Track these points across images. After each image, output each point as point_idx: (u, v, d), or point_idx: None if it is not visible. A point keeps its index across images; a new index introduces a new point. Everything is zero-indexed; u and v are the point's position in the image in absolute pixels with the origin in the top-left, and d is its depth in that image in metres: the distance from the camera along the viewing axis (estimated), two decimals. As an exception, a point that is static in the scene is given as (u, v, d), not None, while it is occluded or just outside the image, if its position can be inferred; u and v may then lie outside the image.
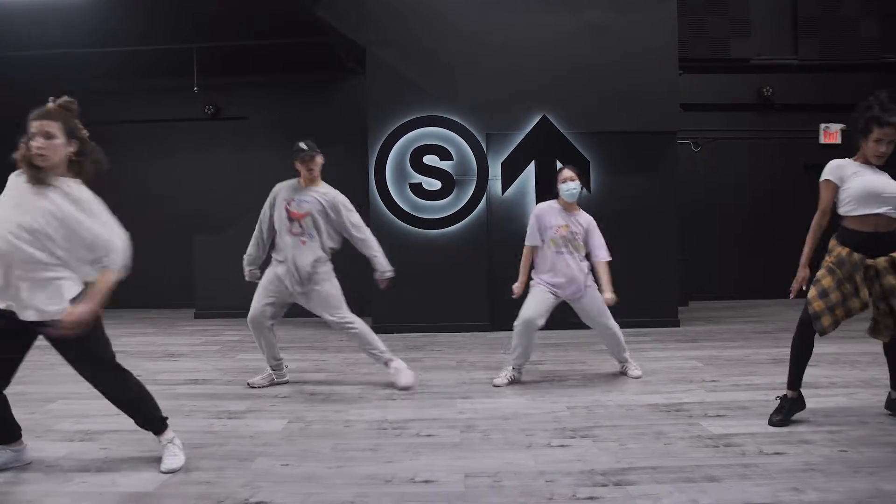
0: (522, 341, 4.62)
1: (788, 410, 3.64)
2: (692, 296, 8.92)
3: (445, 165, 7.06)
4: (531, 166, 7.10)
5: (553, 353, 5.80)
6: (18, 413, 4.07)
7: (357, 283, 6.14)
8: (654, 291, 7.11)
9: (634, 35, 7.07)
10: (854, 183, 3.40)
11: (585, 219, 4.82)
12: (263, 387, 4.77)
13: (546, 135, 7.07)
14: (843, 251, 3.43)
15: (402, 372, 4.66)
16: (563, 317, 6.96)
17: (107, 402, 3.28)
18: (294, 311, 7.45)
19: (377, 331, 6.95)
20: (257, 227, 4.83)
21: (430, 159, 7.04)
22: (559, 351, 5.90)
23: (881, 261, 3.36)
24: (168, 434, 3.24)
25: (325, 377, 5.07)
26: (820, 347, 5.58)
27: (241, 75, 9.24)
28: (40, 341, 3.09)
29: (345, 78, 8.95)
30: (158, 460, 3.24)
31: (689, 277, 8.74)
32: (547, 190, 7.04)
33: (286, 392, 4.60)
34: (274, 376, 4.86)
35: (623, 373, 4.96)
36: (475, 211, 7.05)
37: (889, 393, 3.78)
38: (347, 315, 4.72)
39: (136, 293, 9.39)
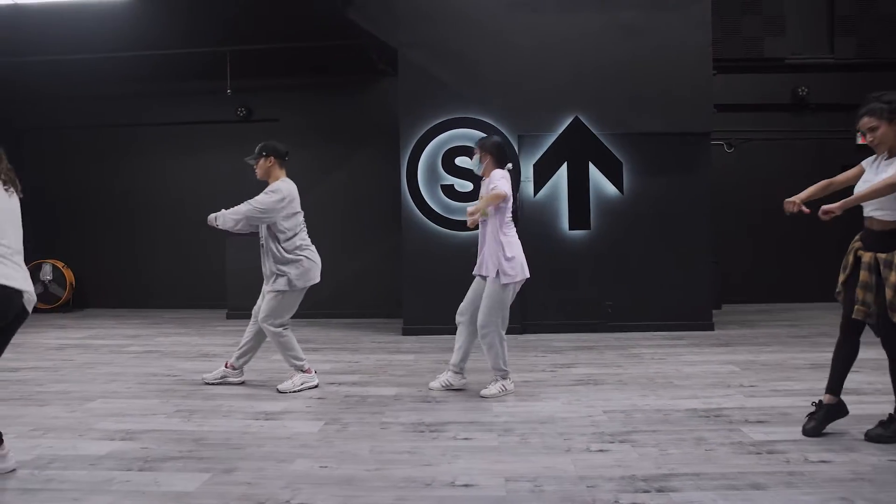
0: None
1: (824, 417, 3.52)
2: (725, 299, 8.79)
3: (477, 167, 7.02)
4: (563, 168, 7.05)
5: (586, 356, 5.76)
6: (60, 411, 4.18)
7: (389, 286, 6.19)
8: (687, 294, 7.03)
9: (667, 35, 6.99)
10: (864, 180, 3.50)
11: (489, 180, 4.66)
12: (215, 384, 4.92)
13: (578, 136, 7.02)
14: (856, 244, 3.51)
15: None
16: (599, 321, 6.98)
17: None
18: (326, 313, 7.53)
19: (408, 332, 7.02)
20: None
21: (462, 161, 7.02)
22: (593, 354, 5.85)
23: (866, 255, 3.39)
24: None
25: (358, 378, 5.08)
26: (862, 353, 5.49)
27: (273, 78, 9.30)
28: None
29: (376, 80, 8.97)
30: (199, 459, 3.28)
31: (722, 280, 8.61)
32: (580, 191, 7.04)
33: (321, 393, 4.62)
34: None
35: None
36: (507, 213, 7.01)
37: (819, 400, 3.58)
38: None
39: (170, 294, 9.59)
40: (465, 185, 7.03)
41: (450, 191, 7.08)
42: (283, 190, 4.74)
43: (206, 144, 9.72)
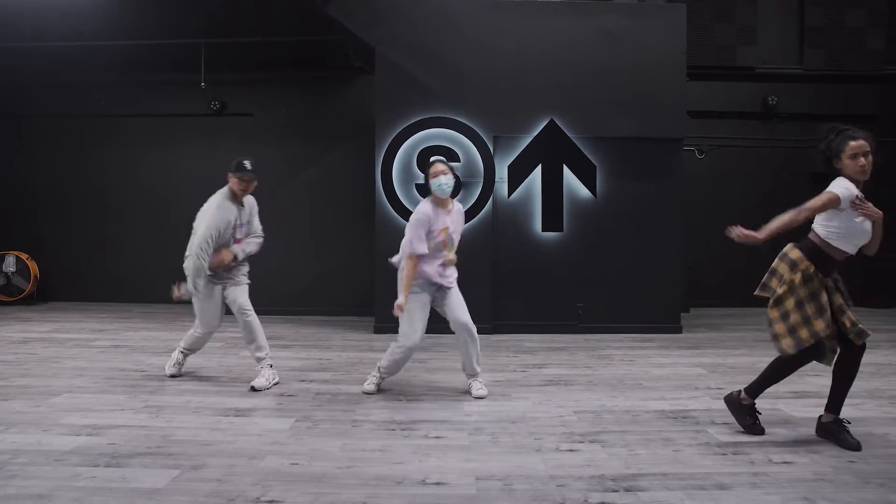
0: (399, 367, 4.56)
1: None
2: (693, 302, 8.93)
3: (452, 167, 7.04)
4: (538, 170, 7.10)
5: (557, 357, 5.81)
6: (23, 406, 4.10)
7: (361, 284, 6.20)
8: (657, 297, 7.13)
9: (643, 41, 7.09)
10: (850, 218, 3.36)
11: (458, 211, 4.60)
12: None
13: (553, 139, 7.08)
14: (811, 268, 3.41)
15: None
16: (570, 322, 7.04)
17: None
18: (297, 310, 7.49)
19: (380, 331, 7.01)
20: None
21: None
22: (564, 354, 5.90)
23: (829, 280, 3.43)
24: None
25: (330, 376, 5.06)
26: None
27: (248, 72, 9.21)
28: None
29: (352, 77, 8.94)
30: (168, 455, 3.25)
31: (690, 284, 8.75)
32: (554, 193, 7.09)
33: (292, 390, 4.59)
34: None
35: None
36: (481, 213, 7.05)
37: (820, 416, 3.62)
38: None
39: (138, 288, 9.42)
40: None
41: (424, 190, 7.04)
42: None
43: (178, 137, 9.58)
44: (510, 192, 7.13)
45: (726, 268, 9.36)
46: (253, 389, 4.58)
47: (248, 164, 4.71)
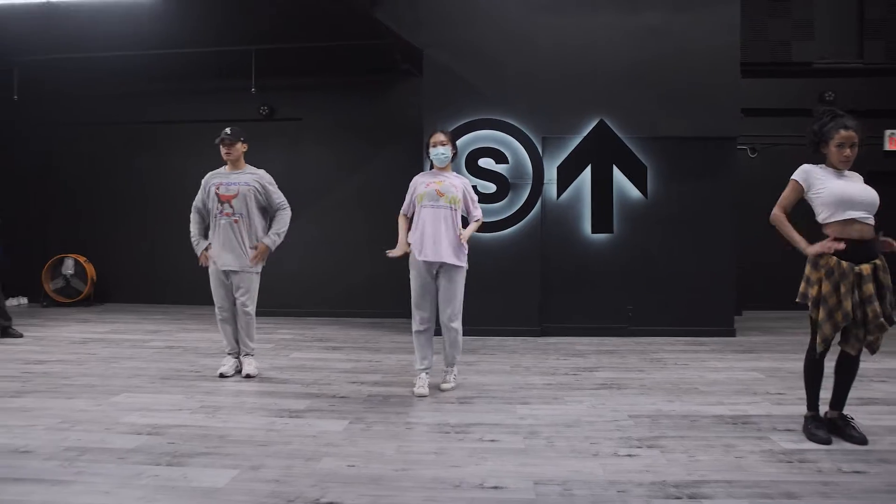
0: (419, 344, 4.71)
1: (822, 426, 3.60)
2: (745, 305, 8.71)
3: (501, 169, 7.02)
4: (587, 171, 7.02)
5: (608, 360, 5.72)
6: (86, 404, 4.21)
7: (408, 287, 6.12)
8: (709, 300, 6.97)
9: (695, 36, 6.95)
10: (825, 189, 3.46)
11: (460, 180, 4.72)
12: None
13: (603, 139, 6.99)
14: (832, 261, 3.39)
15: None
16: (620, 325, 6.94)
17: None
18: (345, 312, 7.51)
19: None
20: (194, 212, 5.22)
21: (486, 162, 7.01)
22: (615, 357, 5.81)
23: (865, 267, 3.35)
24: None
25: (380, 378, 5.07)
26: (884, 363, 5.44)
27: (297, 77, 9.33)
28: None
29: (399, 80, 8.98)
30: (226, 455, 3.29)
31: (742, 287, 8.53)
32: (603, 195, 6.99)
33: (344, 392, 4.62)
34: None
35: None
36: (529, 215, 7.00)
37: (825, 413, 3.67)
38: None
39: (190, 290, 9.61)
40: (488, 187, 7.01)
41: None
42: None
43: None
44: (559, 193, 7.06)
45: (779, 270, 9.09)
46: (248, 377, 5.00)
47: (227, 129, 5.24)
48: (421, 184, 4.62)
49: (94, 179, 9.91)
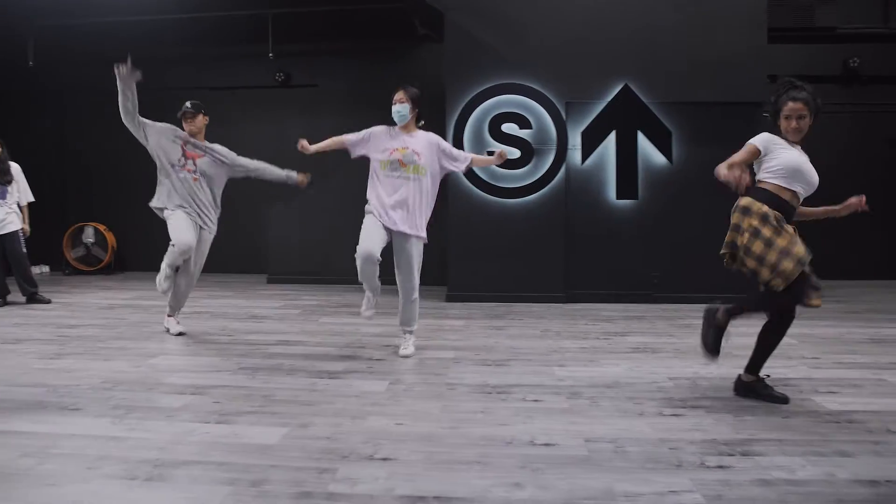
0: (365, 277, 4.49)
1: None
2: (767, 273, 8.69)
3: (524, 134, 6.97)
4: (612, 136, 6.97)
5: (638, 325, 5.72)
6: (126, 366, 4.24)
7: (433, 253, 6.16)
8: (734, 267, 6.94)
9: (720, 1, 6.83)
10: (783, 156, 3.46)
11: (427, 139, 4.59)
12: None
13: (628, 104, 6.92)
14: (764, 208, 3.39)
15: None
16: (646, 292, 6.93)
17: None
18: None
19: (452, 299, 7.01)
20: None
21: (509, 127, 6.96)
22: (644, 323, 5.81)
23: (789, 227, 3.40)
24: None
25: (412, 341, 5.07)
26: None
27: (312, 42, 9.25)
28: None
29: (417, 45, 8.88)
30: (273, 414, 3.31)
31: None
32: (628, 160, 6.94)
33: (379, 355, 4.64)
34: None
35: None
36: (554, 180, 6.96)
37: (739, 376, 3.74)
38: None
39: (209, 258, 9.63)
40: (512, 152, 6.96)
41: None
42: None
43: (244, 109, 9.70)
44: (583, 159, 7.01)
45: (804, 239, 9.07)
46: (181, 334, 5.20)
47: (188, 103, 5.32)
48: (381, 147, 4.50)
49: (111, 147, 9.86)
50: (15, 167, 6.86)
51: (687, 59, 6.88)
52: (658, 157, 6.99)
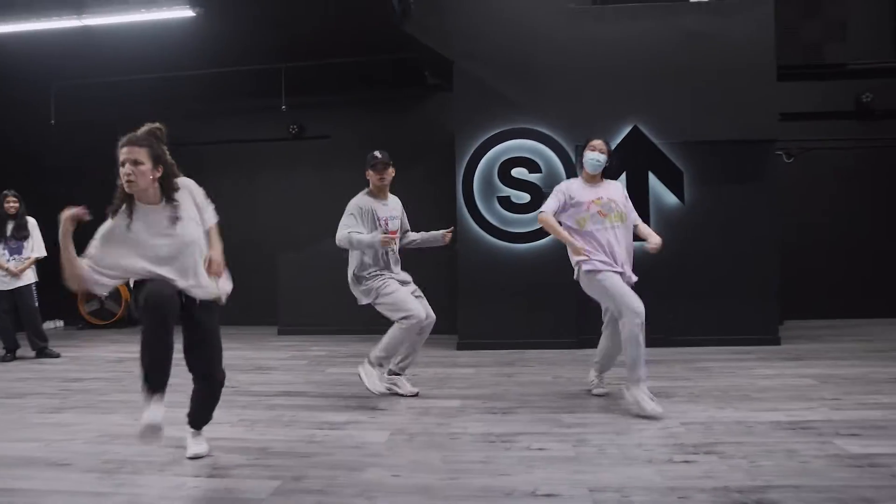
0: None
1: None
2: (786, 314, 8.45)
3: (534, 178, 6.93)
4: (622, 178, 6.88)
5: (653, 370, 5.48)
6: (124, 419, 4.16)
7: (443, 301, 6.09)
8: (752, 308, 6.76)
9: (728, 39, 6.81)
10: None
11: (615, 188, 4.64)
12: None
13: (638, 145, 6.86)
14: None
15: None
16: (661, 335, 6.75)
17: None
18: (381, 329, 7.36)
19: (462, 347, 6.88)
20: None
21: (519, 172, 6.93)
22: (660, 367, 5.62)
23: None
24: None
25: (419, 390, 4.94)
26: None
27: (324, 94, 9.38)
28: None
29: (428, 95, 8.97)
30: (266, 467, 3.20)
31: (783, 295, 8.29)
32: (640, 201, 6.84)
33: (383, 405, 4.51)
34: None
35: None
36: (564, 224, 6.86)
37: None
38: None
39: (221, 310, 9.63)
40: (521, 197, 6.91)
41: (506, 202, 6.97)
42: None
43: (258, 162, 9.80)
44: (593, 201, 6.92)
45: (821, 278, 8.86)
46: None
47: (377, 153, 5.17)
48: (578, 200, 4.44)
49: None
50: (31, 221, 6.94)
51: (696, 98, 6.82)
52: (670, 198, 6.89)
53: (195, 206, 3.24)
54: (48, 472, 3.15)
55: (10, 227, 6.75)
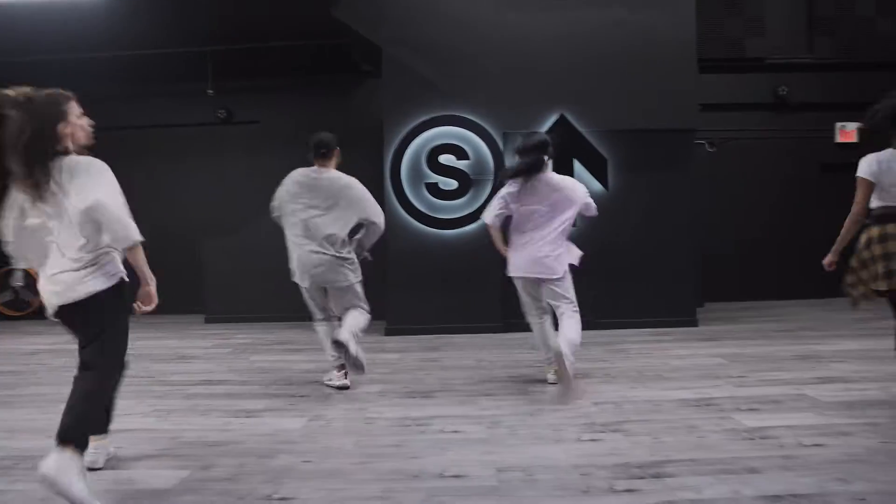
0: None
1: None
2: (706, 297, 8.76)
3: (462, 165, 6.97)
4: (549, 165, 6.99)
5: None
6: (33, 413, 4.03)
7: (372, 286, 6.10)
8: (672, 291, 6.99)
9: (652, 31, 6.98)
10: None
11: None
12: None
13: (564, 133, 6.96)
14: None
15: None
16: (584, 319, 6.90)
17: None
18: (307, 315, 7.36)
19: (391, 332, 6.90)
20: None
21: (447, 159, 6.96)
22: (580, 349, 5.72)
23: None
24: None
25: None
26: (845, 344, 5.53)
27: (254, 79, 9.18)
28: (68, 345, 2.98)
29: (359, 81, 8.89)
30: (175, 457, 3.16)
31: (704, 278, 8.59)
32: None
33: (304, 392, 4.50)
34: None
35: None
36: (491, 210, 6.94)
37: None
38: None
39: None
40: (449, 183, 6.95)
41: (434, 189, 7.00)
42: None
43: (184, 147, 9.55)
44: (520, 188, 7.01)
45: (739, 262, 9.21)
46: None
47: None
48: None
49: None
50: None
51: (621, 88, 6.97)
52: (594, 185, 7.03)
53: None
54: (-59, 470, 3.03)
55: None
